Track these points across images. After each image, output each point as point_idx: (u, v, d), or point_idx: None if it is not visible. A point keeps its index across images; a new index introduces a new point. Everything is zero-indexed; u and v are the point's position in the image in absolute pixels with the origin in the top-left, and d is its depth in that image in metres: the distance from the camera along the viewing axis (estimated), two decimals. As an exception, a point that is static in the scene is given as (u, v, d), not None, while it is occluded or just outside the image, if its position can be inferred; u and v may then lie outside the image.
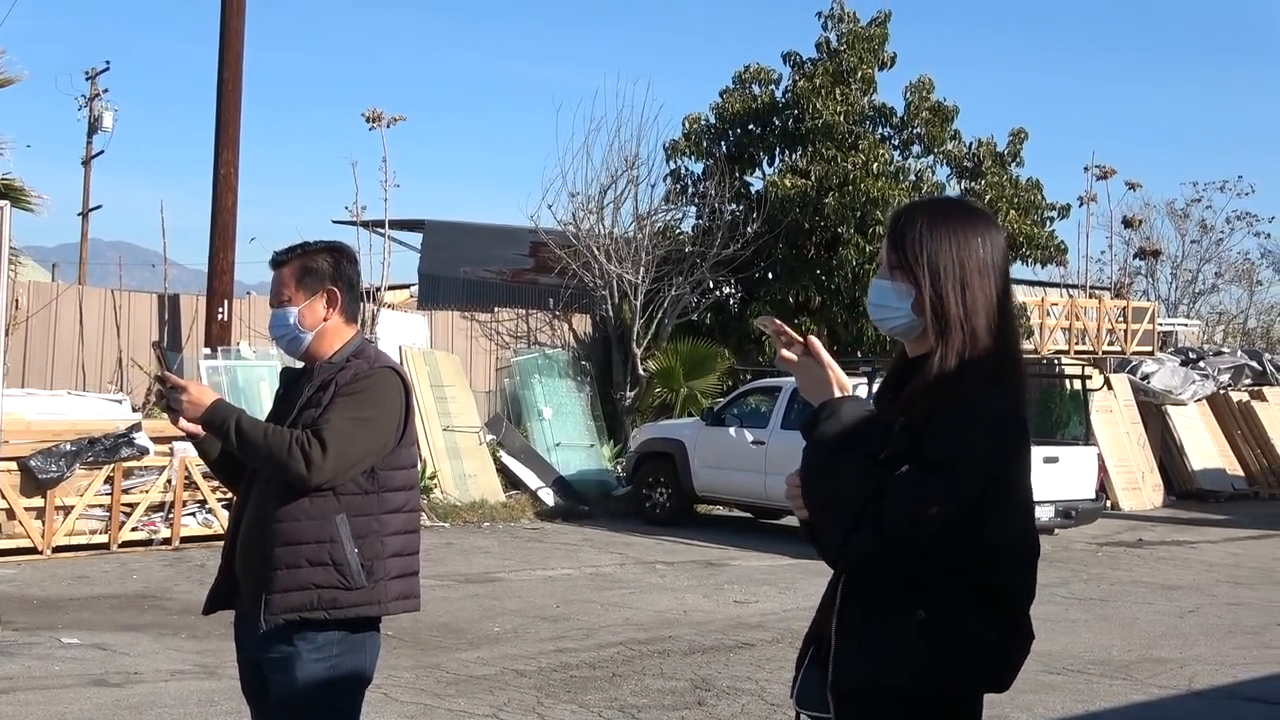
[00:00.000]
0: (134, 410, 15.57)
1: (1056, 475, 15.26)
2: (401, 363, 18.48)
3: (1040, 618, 10.48)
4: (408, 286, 26.85)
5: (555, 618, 11.25)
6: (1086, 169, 27.15)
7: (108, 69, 42.62)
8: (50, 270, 33.18)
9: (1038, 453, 15.47)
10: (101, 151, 41.30)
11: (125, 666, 8.80)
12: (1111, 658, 10.29)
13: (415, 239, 27.27)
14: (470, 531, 16.73)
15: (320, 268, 4.21)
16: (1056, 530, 15.94)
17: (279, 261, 4.25)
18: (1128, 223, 28.74)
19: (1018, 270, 23.57)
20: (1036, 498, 12.10)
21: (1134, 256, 29.11)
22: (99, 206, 41.21)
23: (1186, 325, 29.72)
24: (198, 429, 4.04)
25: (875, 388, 15.38)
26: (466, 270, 25.88)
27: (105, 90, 41.20)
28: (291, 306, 4.18)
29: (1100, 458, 16.14)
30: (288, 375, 4.32)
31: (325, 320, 4.19)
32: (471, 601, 11.95)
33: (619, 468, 19.15)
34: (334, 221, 28.95)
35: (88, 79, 41.49)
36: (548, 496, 18.31)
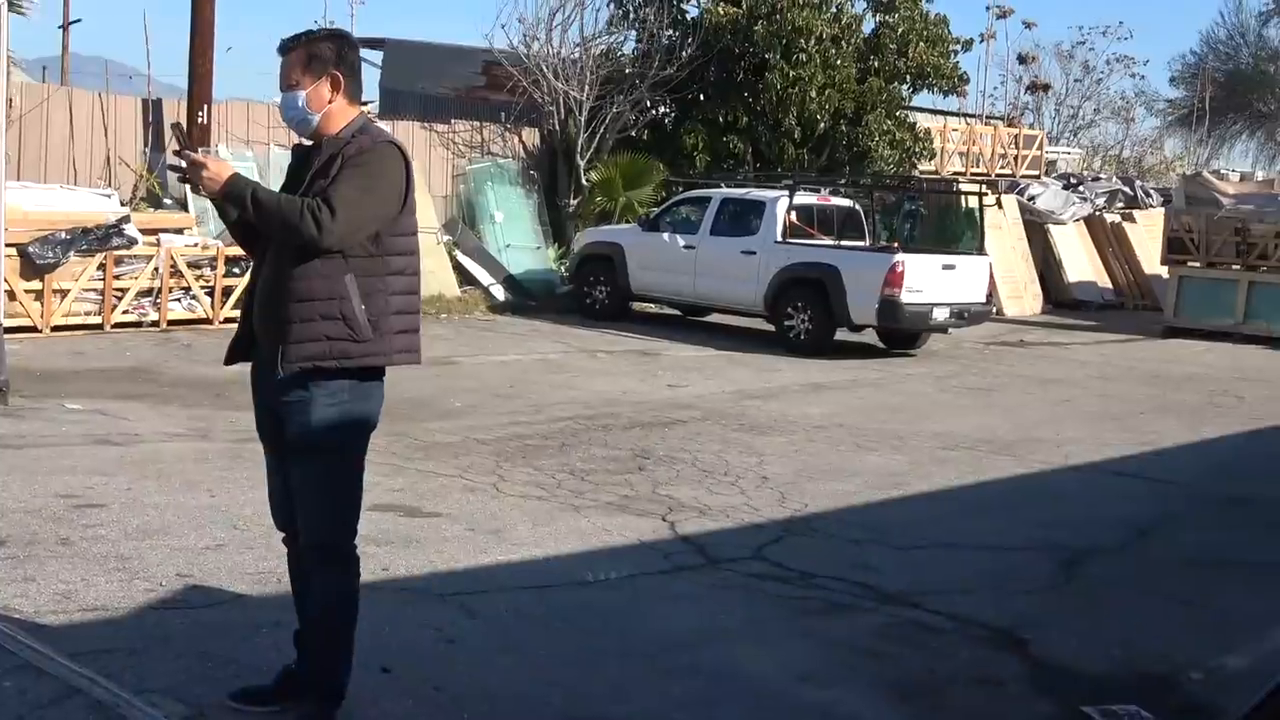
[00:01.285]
0: (122, 204, 15.27)
1: (953, 281, 15.41)
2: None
3: (937, 404, 10.79)
4: (367, 102, 26.25)
5: (508, 395, 11.33)
6: (988, 8, 26.97)
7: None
8: (42, 74, 32.05)
9: (938, 260, 15.81)
10: (80, -34, 39.62)
11: (126, 429, 8.80)
12: (997, 437, 10.55)
13: (376, 57, 26.59)
14: (429, 322, 16.60)
15: (324, 53, 4.11)
16: (950, 329, 16.15)
17: (285, 48, 4.13)
18: (1023, 59, 28.68)
19: (922, 99, 23.52)
20: (937, 300, 12.23)
21: (1025, 90, 29.07)
22: (79, 20, 39.70)
23: (1068, 153, 29.83)
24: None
25: (794, 200, 15.36)
26: (424, 86, 25.32)
27: (83, -94, 39.34)
28: (299, 90, 4.08)
29: (990, 267, 16.27)
30: (298, 152, 4.23)
31: (330, 102, 4.09)
32: (433, 380, 11.96)
33: (563, 268, 19.10)
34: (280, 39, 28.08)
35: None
36: (498, 292, 18.27)
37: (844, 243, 16.32)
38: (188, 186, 4.15)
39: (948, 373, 14.59)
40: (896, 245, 16.18)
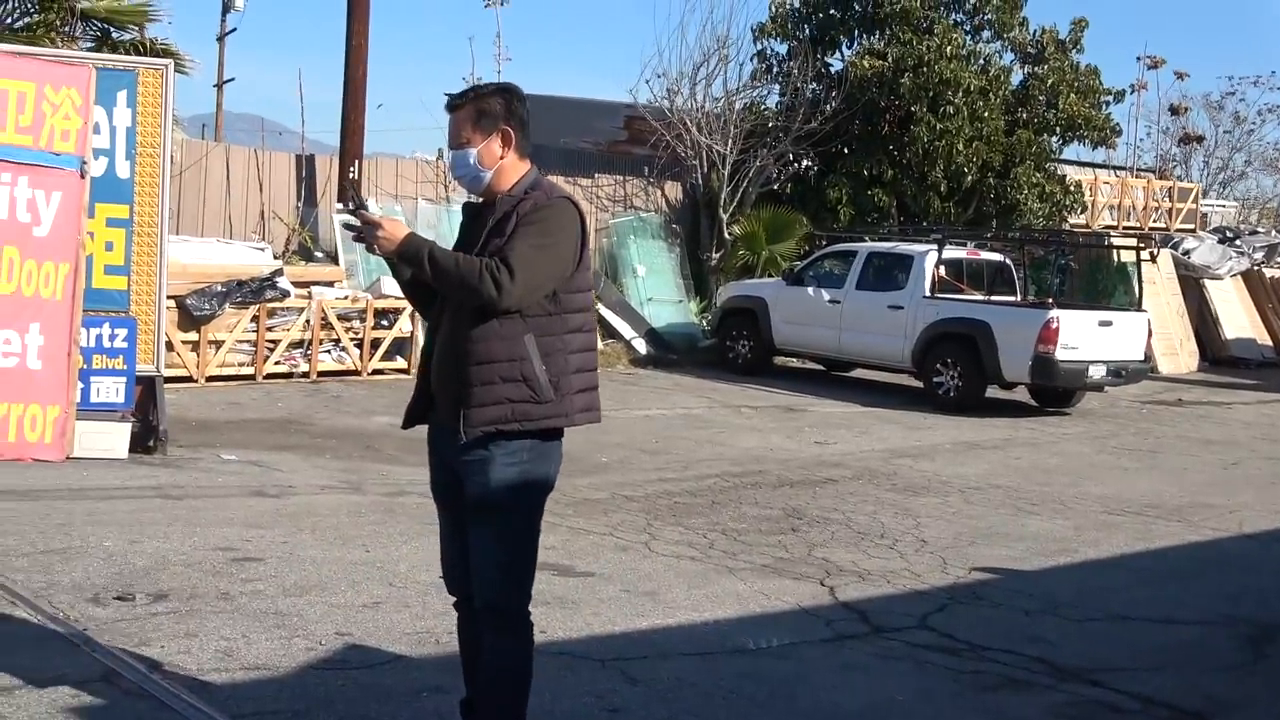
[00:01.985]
0: (275, 258, 15.57)
1: (1109, 337, 14.92)
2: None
3: (1097, 465, 10.36)
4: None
5: (655, 451, 11.20)
6: (1139, 59, 26.28)
7: (240, -47, 41.99)
8: (200, 131, 33.10)
9: (1094, 316, 15.32)
10: (234, 29, 40.98)
11: (280, 481, 8.84)
12: (1164, 502, 10.09)
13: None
14: (572, 374, 16.64)
15: (494, 109, 4.02)
16: (1107, 387, 15.62)
17: (454, 105, 4.06)
18: (1174, 110, 27.87)
19: (1069, 151, 22.98)
20: (1093, 357, 11.80)
21: (1178, 142, 28.23)
22: (232, 79, 41.01)
23: (1223, 207, 28.91)
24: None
25: (943, 254, 15.01)
26: (566, 141, 25.55)
27: (238, -27, 40.64)
28: (470, 147, 4.00)
29: (1149, 324, 15.72)
30: (469, 210, 4.16)
31: (502, 158, 4.02)
32: (579, 435, 11.70)
33: (705, 321, 18.99)
34: (447, 94, 28.61)
35: (222, -38, 40.97)
36: (640, 345, 18.21)
37: (995, 298, 15.93)
38: (360, 245, 4.04)
39: (1105, 433, 14.09)
40: (1050, 301, 15.72)
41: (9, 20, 13.38)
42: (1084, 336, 14.59)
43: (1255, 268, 24.69)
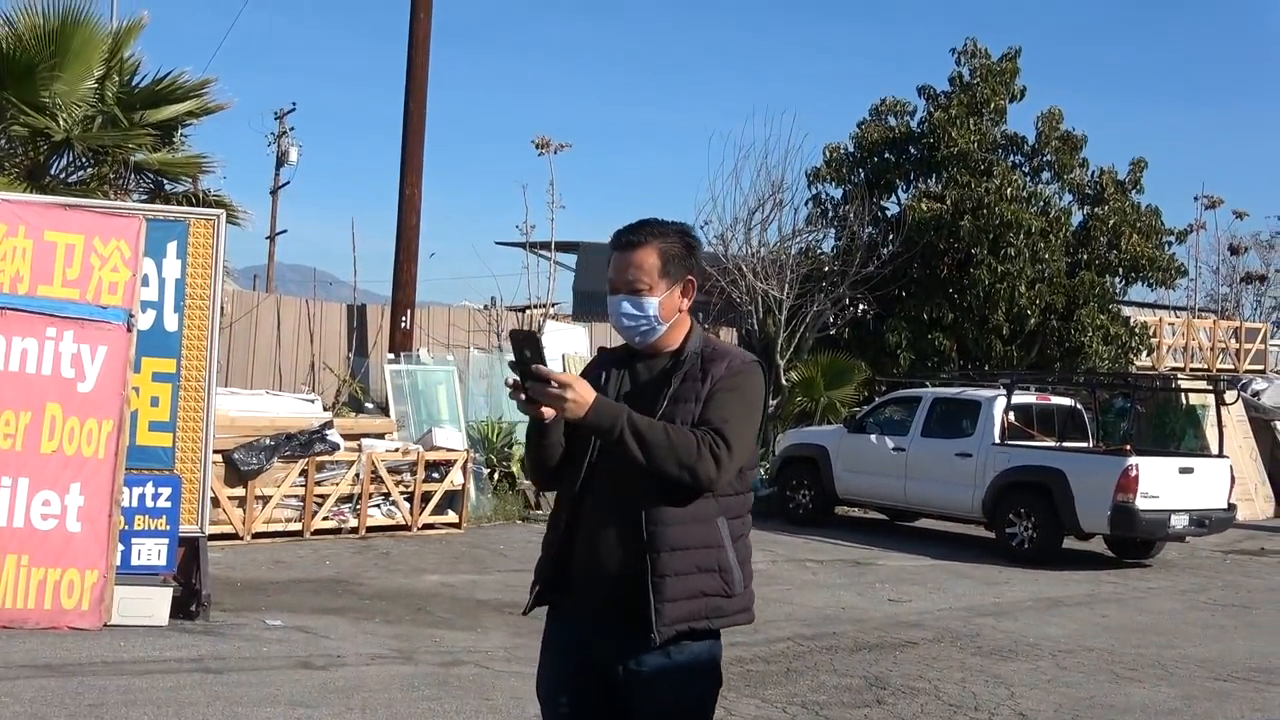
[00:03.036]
0: (325, 409, 15.24)
1: (1191, 485, 14.25)
2: (564, 369, 18.05)
3: (1191, 623, 9.62)
4: (553, 304, 26.46)
5: (721, 611, 10.58)
6: (1196, 198, 25.94)
7: (294, 110, 42.82)
8: (252, 282, 33.28)
9: (1175, 463, 14.67)
10: (288, 182, 41.57)
11: (327, 649, 8.32)
12: (1273, 665, 9.37)
13: (569, 259, 26.89)
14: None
15: (680, 254, 3.52)
16: (1188, 538, 14.90)
17: (630, 243, 3.49)
18: (1234, 249, 27.44)
19: (1135, 292, 22.54)
20: (1175, 506, 11.02)
21: (1241, 280, 27.76)
22: (285, 231, 41.47)
23: (1290, 346, 28.29)
24: (546, 414, 3.34)
25: (1011, 399, 14.48)
26: (618, 287, 25.42)
27: (291, 128, 41.40)
28: (652, 296, 3.46)
29: (1231, 470, 15.04)
30: (612, 359, 3.60)
31: (680, 310, 3.54)
32: None
33: (763, 470, 18.43)
34: (498, 243, 28.66)
35: (276, 118, 41.76)
36: (697, 496, 17.64)
37: (1068, 444, 15.33)
38: (519, 402, 3.35)
39: (1192, 586, 13.35)
40: (1129, 447, 15.09)
41: (63, 175, 13.31)
42: (1165, 484, 13.94)
43: (1329, 409, 23.96)
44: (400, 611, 9.90)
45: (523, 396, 3.26)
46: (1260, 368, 22.96)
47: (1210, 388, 18.05)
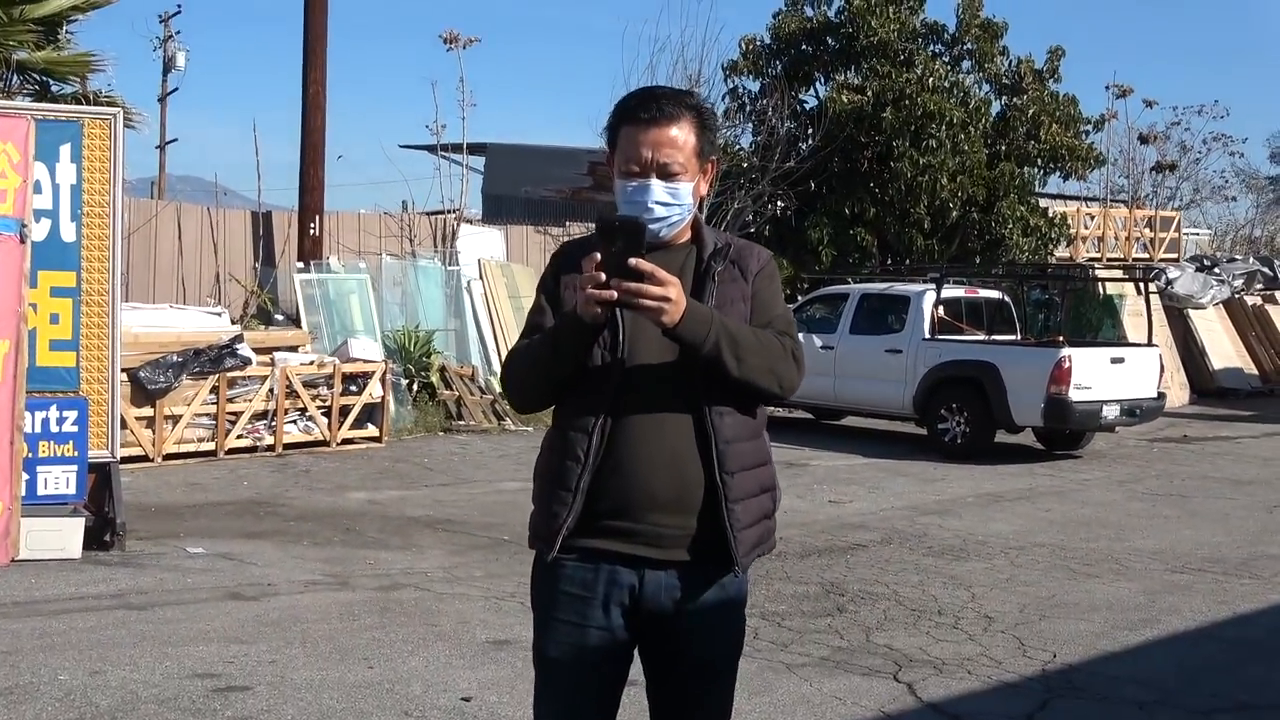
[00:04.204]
0: (233, 323, 14.55)
1: (1122, 375, 14.14)
2: (480, 274, 17.44)
3: (1134, 514, 9.36)
4: (469, 209, 25.75)
5: (662, 520, 10.24)
6: (1108, 87, 25.80)
7: (179, 12, 40.98)
8: (150, 191, 31.96)
9: (1106, 353, 14.54)
10: (176, 89, 39.92)
11: (256, 577, 7.82)
12: (1224, 556, 9.25)
13: (477, 162, 26.09)
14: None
15: (711, 129, 3.02)
16: (1117, 428, 14.86)
17: (666, 115, 2.90)
18: (1144, 139, 27.39)
19: (1053, 184, 22.41)
20: (1107, 397, 10.78)
21: (1151, 169, 27.79)
22: (175, 140, 40.03)
23: (1197, 234, 28.47)
24: (598, 315, 2.75)
25: (940, 292, 14.20)
26: (528, 190, 24.75)
27: (178, 32, 39.65)
28: (687, 180, 2.93)
29: (1161, 359, 14.97)
30: (582, 251, 2.88)
31: (702, 196, 3.06)
32: None
33: (685, 372, 18.10)
34: (402, 146, 27.75)
35: (161, 21, 39.97)
36: (620, 400, 17.26)
37: (997, 337, 15.14)
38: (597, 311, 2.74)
39: (1126, 476, 13.29)
40: (1061, 339, 14.93)
41: (-64, 77, 12.34)
42: (1096, 375, 13.81)
43: (1236, 296, 24.17)
44: (328, 533, 9.42)
45: (603, 296, 2.69)
46: (1174, 256, 23.03)
47: (1135, 277, 17.95)
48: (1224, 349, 23.35)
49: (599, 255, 2.70)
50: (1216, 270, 24.72)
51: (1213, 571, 8.70)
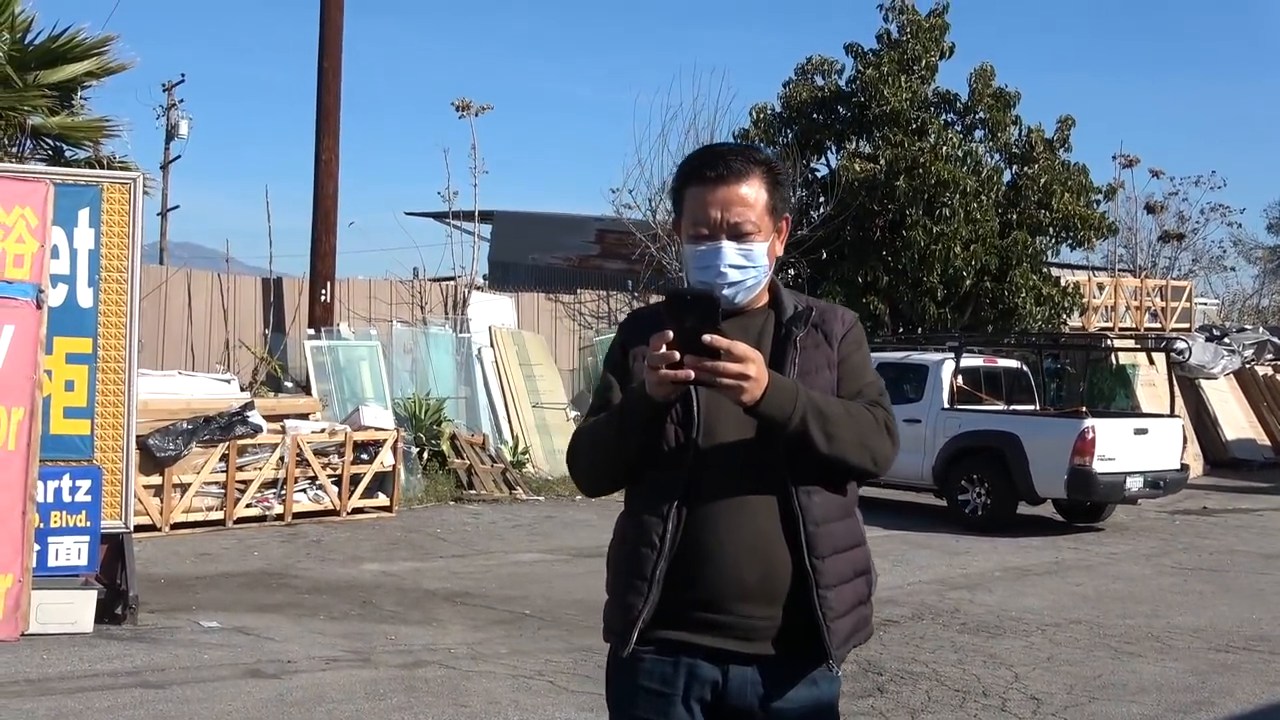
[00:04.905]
0: (242, 389, 14.35)
1: (1145, 446, 13.92)
2: (491, 342, 17.26)
3: (1167, 589, 9.06)
4: (481, 275, 25.65)
5: (685, 594, 9.97)
6: (1114, 157, 25.80)
7: (183, 81, 41.08)
8: (159, 256, 31.84)
9: (1129, 424, 14.33)
10: (178, 156, 39.92)
11: (275, 653, 7.55)
12: (1267, 633, 8.99)
13: (486, 229, 26.05)
14: (565, 505, 15.45)
15: (784, 186, 2.83)
16: (1139, 500, 14.62)
17: (734, 172, 2.71)
18: (1150, 209, 27.41)
19: (1064, 254, 22.33)
20: (1130, 468, 10.52)
21: (1159, 240, 27.74)
22: (176, 206, 39.91)
23: (1205, 304, 28.39)
24: (668, 392, 2.53)
25: (959, 361, 14.01)
26: (535, 257, 24.70)
27: (181, 100, 39.70)
28: (761, 240, 2.73)
29: (1184, 430, 14.77)
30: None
31: (778, 257, 2.85)
32: (595, 578, 10.48)
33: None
34: (408, 213, 27.76)
35: (165, 90, 40.05)
36: (632, 470, 17.02)
37: (1016, 407, 14.94)
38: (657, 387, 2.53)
39: (1153, 550, 13.03)
40: (1084, 409, 14.73)
41: (-50, 141, 12.22)
42: (1120, 446, 13.60)
43: (1247, 366, 24.04)
44: (344, 606, 9.15)
45: (676, 377, 2.48)
46: (1185, 325, 22.90)
47: (1152, 347, 17.79)
48: (1236, 419, 23.18)
49: (670, 333, 2.49)
50: (1227, 340, 24.62)
51: (1259, 650, 8.44)
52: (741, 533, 2.64)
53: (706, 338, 2.46)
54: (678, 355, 2.47)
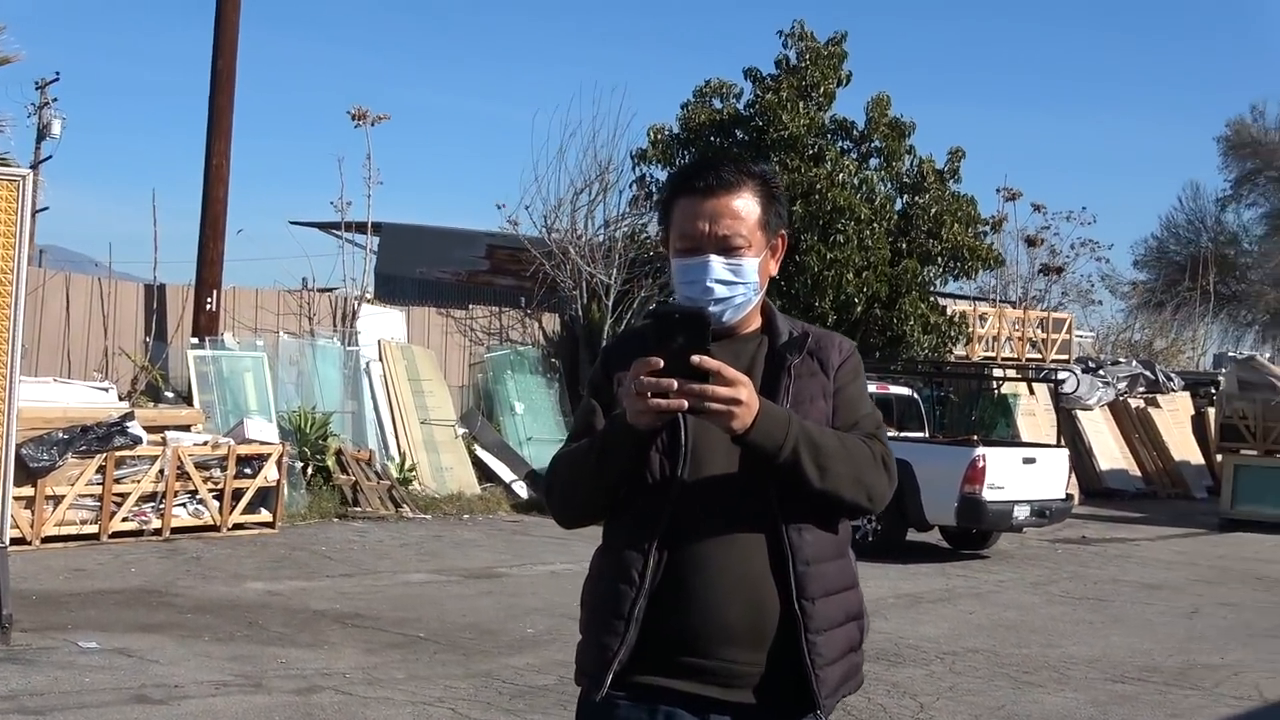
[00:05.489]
0: (120, 399, 13.83)
1: (1033, 476, 14.11)
2: (380, 356, 16.90)
3: (1058, 619, 9.16)
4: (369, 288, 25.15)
5: (583, 618, 9.79)
6: (998, 190, 26.25)
7: (57, 79, 39.74)
8: (39, 258, 30.67)
9: (1019, 453, 14.51)
10: (50, 156, 38.64)
11: (160, 677, 7.21)
12: (1159, 664, 9.10)
13: (370, 241, 25.58)
14: (453, 524, 15.17)
15: (778, 201, 2.69)
16: (1025, 529, 14.81)
17: (725, 183, 2.58)
18: (1031, 241, 27.99)
19: (960, 286, 22.67)
20: (1018, 497, 10.58)
21: (1039, 272, 28.34)
22: (46, 208, 38.54)
23: (1083, 336, 29.07)
24: (652, 421, 2.38)
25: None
26: (422, 270, 24.32)
27: (55, 99, 38.42)
28: (752, 256, 2.60)
29: (1070, 460, 15.01)
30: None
31: (771, 276, 2.71)
32: (488, 599, 10.47)
33: (588, 462, 17.71)
34: (292, 223, 27.19)
35: (38, 88, 38.74)
36: (521, 489, 16.83)
37: (910, 434, 15.04)
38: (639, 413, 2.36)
39: (1039, 578, 13.20)
40: (975, 437, 14.88)
41: None
42: (1009, 475, 13.76)
43: (1120, 398, 24.65)
44: (230, 627, 8.80)
45: (662, 406, 2.32)
46: (1065, 357, 23.39)
47: (1043, 378, 18.11)
48: (1110, 450, 23.73)
49: (659, 355, 2.34)
50: (1102, 372, 25.23)
51: (1153, 681, 8.53)
52: (727, 571, 2.49)
53: (695, 359, 2.31)
54: (664, 382, 2.31)
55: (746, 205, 2.59)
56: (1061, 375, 20.81)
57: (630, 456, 2.48)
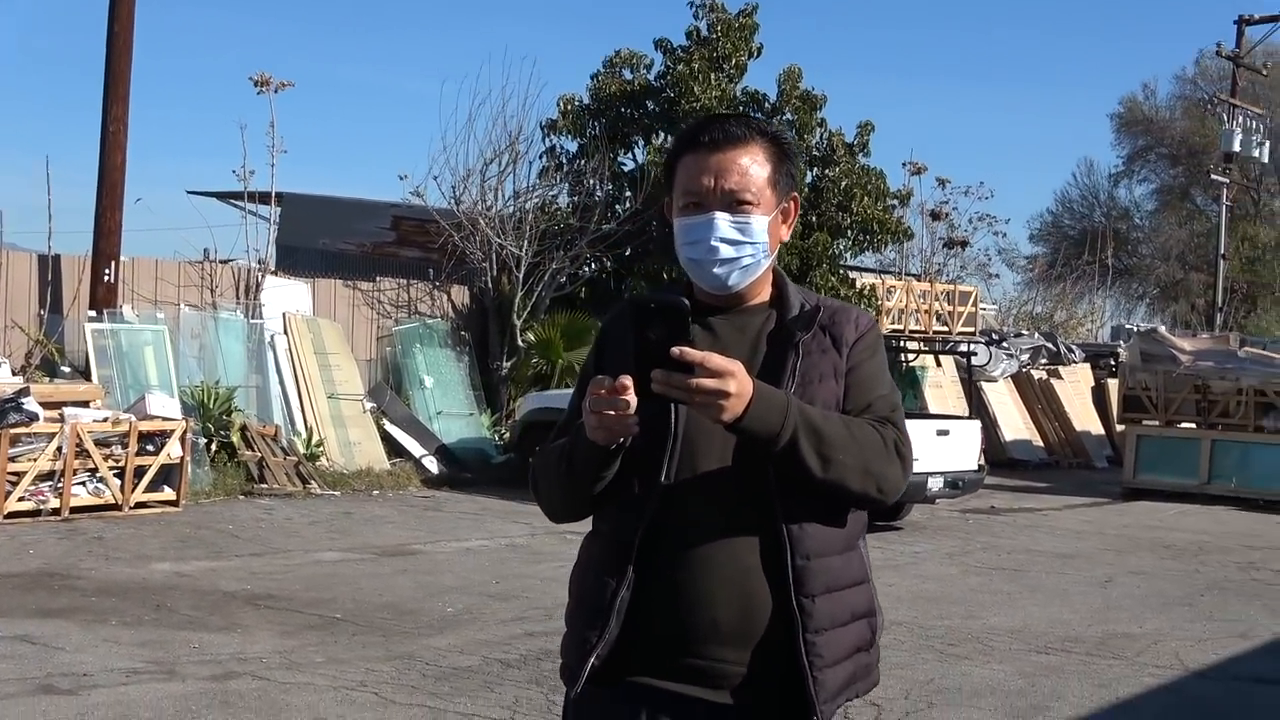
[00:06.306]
0: (14, 374, 13.34)
1: (946, 448, 14.16)
2: (285, 329, 16.48)
3: (976, 590, 9.15)
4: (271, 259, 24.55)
5: (502, 595, 9.59)
6: (904, 164, 26.37)
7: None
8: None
9: (932, 425, 14.56)
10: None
11: (67, 665, 6.89)
12: (1079, 635, 9.13)
13: (269, 211, 24.97)
14: (362, 500, 14.87)
15: (790, 159, 2.51)
16: (938, 500, 14.89)
17: (732, 137, 2.41)
18: (935, 215, 28.21)
19: (865, 258, 22.71)
20: (932, 469, 10.59)
21: (944, 246, 28.60)
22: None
23: (986, 309, 29.39)
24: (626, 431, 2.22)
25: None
26: (325, 242, 23.78)
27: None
28: (760, 214, 2.41)
29: (981, 432, 15.10)
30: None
31: (782, 241, 2.51)
32: (404, 578, 10.22)
33: (498, 436, 17.49)
34: (190, 192, 26.48)
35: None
36: (431, 464, 16.55)
37: (824, 407, 15.02)
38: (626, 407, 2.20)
39: (954, 549, 13.24)
40: (889, 410, 14.88)
41: None
42: (923, 447, 13.72)
43: (1023, 370, 24.97)
44: (137, 610, 8.48)
45: (618, 430, 2.21)
46: (971, 330, 23.56)
47: (956, 350, 18.20)
48: (1014, 421, 24.02)
49: (637, 348, 2.18)
50: (1005, 344, 25.55)
51: (1075, 652, 8.55)
52: (718, 564, 2.33)
53: (675, 351, 2.15)
54: (628, 399, 2.16)
55: (755, 161, 2.43)
56: (975, 348, 21.00)
57: (599, 466, 2.33)
